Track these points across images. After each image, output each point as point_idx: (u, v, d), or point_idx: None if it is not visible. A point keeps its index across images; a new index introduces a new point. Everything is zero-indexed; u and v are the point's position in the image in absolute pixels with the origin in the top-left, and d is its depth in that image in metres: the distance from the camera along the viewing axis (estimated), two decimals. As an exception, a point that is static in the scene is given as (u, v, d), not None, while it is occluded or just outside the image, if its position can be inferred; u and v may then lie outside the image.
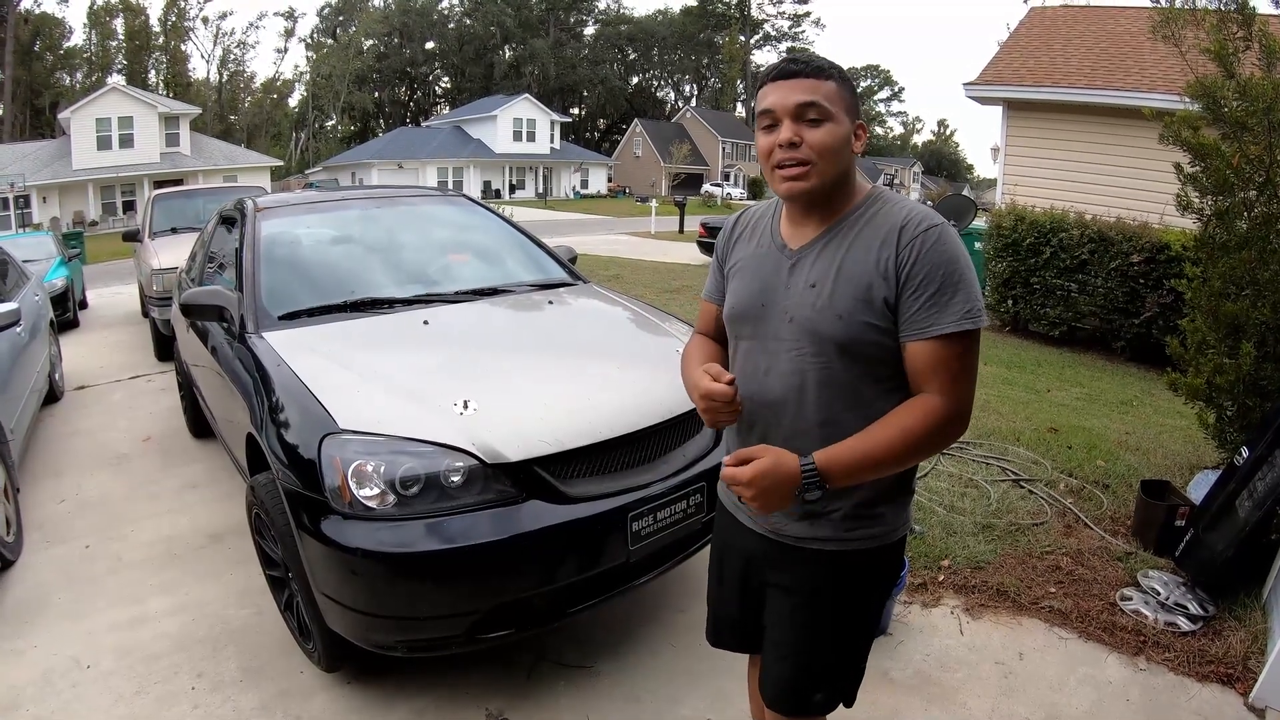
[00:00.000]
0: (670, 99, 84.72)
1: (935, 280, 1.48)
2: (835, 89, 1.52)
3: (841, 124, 1.53)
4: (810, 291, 1.57)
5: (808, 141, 1.51)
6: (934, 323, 1.49)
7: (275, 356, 3.05)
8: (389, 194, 4.91)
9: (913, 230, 1.50)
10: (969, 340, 1.51)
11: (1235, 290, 4.04)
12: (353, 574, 2.40)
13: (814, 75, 1.52)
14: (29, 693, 2.89)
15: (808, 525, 1.67)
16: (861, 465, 1.50)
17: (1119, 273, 8.36)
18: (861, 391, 1.57)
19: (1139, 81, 10.43)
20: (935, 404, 1.51)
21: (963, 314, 1.48)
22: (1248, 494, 3.31)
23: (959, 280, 1.48)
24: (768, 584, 1.79)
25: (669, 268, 15.53)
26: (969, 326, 1.49)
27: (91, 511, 4.45)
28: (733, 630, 1.98)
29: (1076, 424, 5.67)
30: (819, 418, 1.59)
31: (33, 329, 5.80)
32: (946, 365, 1.50)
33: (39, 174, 33.97)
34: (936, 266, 1.48)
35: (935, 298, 1.48)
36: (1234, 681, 2.87)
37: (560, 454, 2.58)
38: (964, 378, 1.53)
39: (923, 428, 1.50)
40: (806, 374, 1.58)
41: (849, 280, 1.53)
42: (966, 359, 1.52)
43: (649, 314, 3.92)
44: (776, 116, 1.53)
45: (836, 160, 1.53)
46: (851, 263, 1.54)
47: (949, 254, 1.49)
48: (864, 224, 1.56)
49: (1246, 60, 4.09)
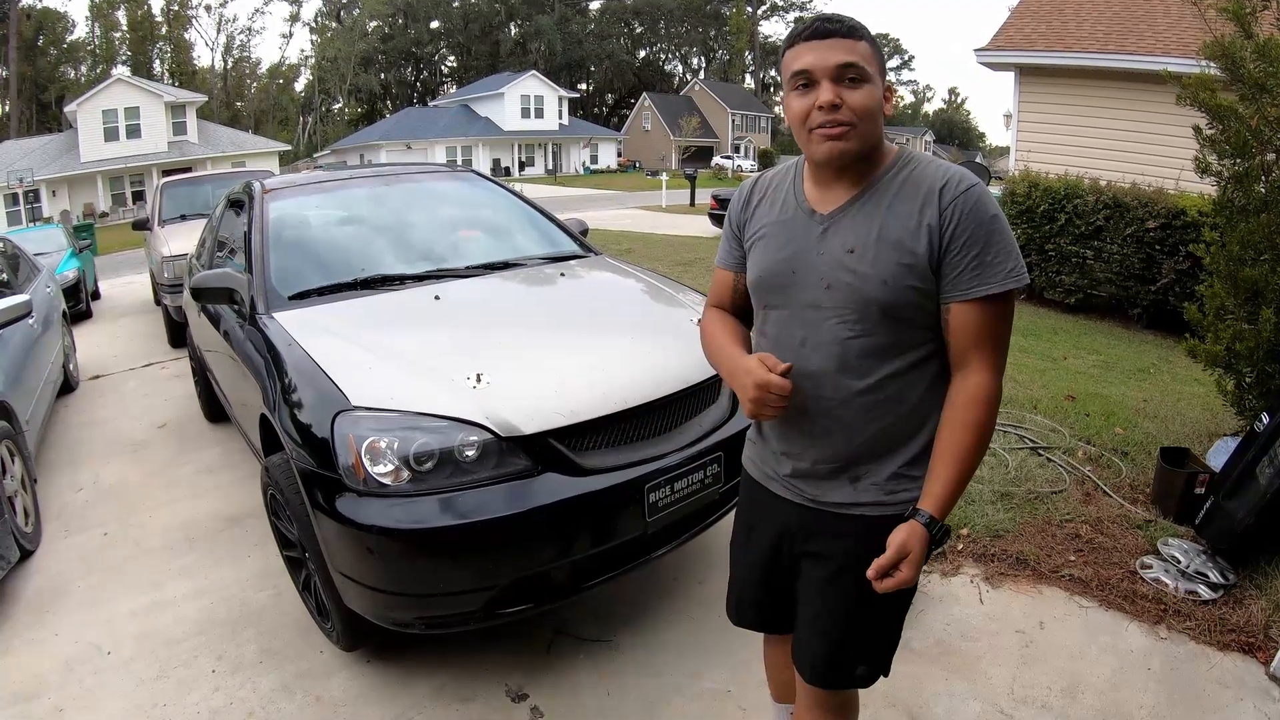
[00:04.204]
0: (678, 72, 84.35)
1: (980, 240, 1.47)
2: (869, 49, 1.49)
3: (876, 85, 1.49)
4: (850, 257, 1.53)
5: (848, 103, 1.46)
6: (980, 283, 1.48)
7: (286, 336, 3.04)
8: (396, 171, 4.88)
9: (954, 190, 1.48)
10: (1009, 302, 1.52)
11: (1254, 255, 3.97)
12: (369, 552, 2.40)
13: (849, 35, 1.47)
14: (51, 680, 2.92)
15: (851, 490, 1.65)
16: (961, 484, 1.53)
17: (1135, 239, 8.26)
18: (902, 355, 1.56)
19: (1152, 45, 10.28)
20: (984, 384, 1.52)
21: (1007, 273, 1.47)
22: (1268, 461, 3.26)
23: (1001, 239, 1.48)
24: (806, 553, 1.74)
25: (681, 241, 15.46)
26: (1013, 285, 1.48)
27: (109, 499, 4.48)
28: (757, 609, 1.95)
29: (1094, 391, 5.62)
30: (860, 385, 1.57)
31: (45, 320, 5.84)
32: (990, 328, 1.51)
33: (47, 168, 34.06)
34: (981, 226, 1.47)
35: (980, 257, 1.47)
36: (1255, 650, 2.84)
37: (575, 426, 2.56)
38: (1004, 341, 1.55)
39: (987, 415, 1.52)
40: (848, 343, 1.55)
41: (891, 243, 1.50)
42: (1007, 321, 1.54)
43: (662, 284, 3.88)
44: (814, 77, 1.47)
45: (875, 121, 1.50)
46: (892, 225, 1.51)
47: (990, 212, 1.48)
48: (900, 185, 1.53)
49: (1265, 20, 4.01)
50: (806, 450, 1.66)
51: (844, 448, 1.62)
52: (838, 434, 1.61)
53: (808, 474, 1.69)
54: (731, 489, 2.94)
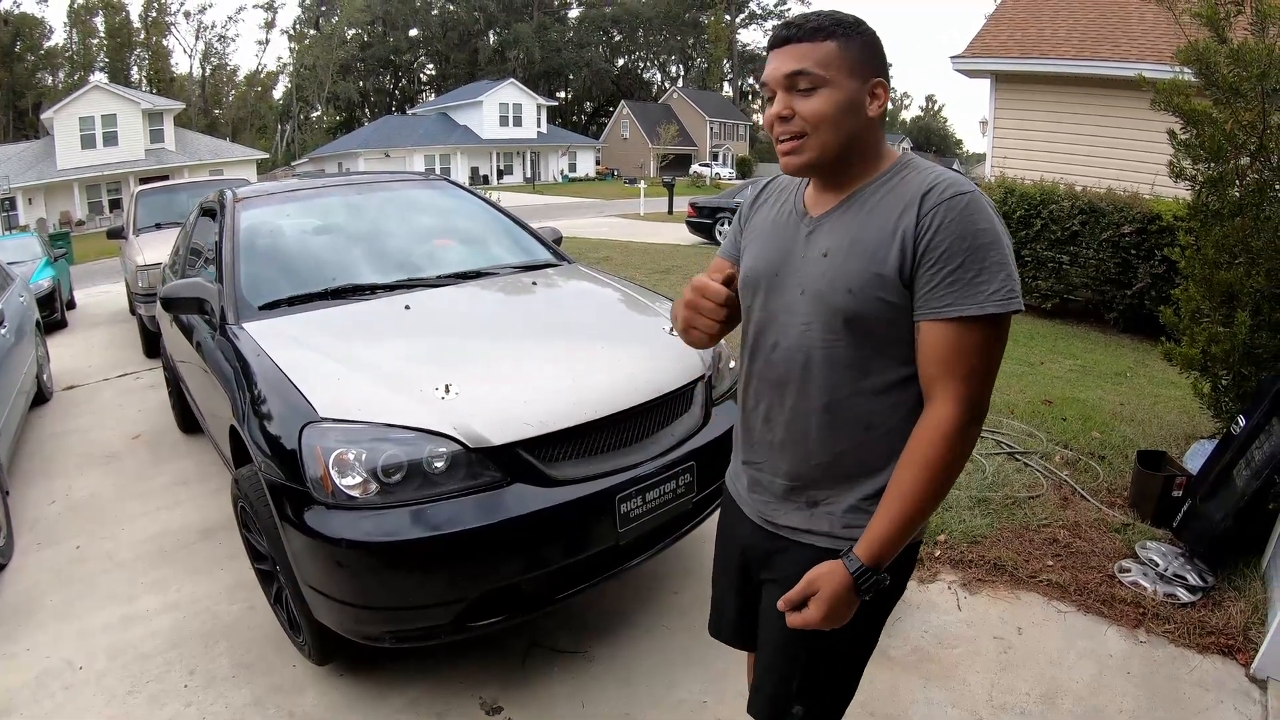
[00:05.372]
0: (657, 80, 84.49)
1: (959, 254, 1.31)
2: (834, 50, 1.37)
3: (841, 88, 1.37)
4: (823, 261, 1.44)
5: (800, 113, 1.39)
6: (954, 301, 1.32)
7: (255, 347, 3.01)
8: (370, 180, 4.85)
9: (937, 197, 1.34)
10: (994, 329, 1.34)
11: (1229, 259, 4.00)
12: (337, 565, 2.36)
13: (808, 39, 1.38)
14: (23, 696, 2.87)
15: (806, 515, 1.56)
16: (903, 528, 1.38)
17: (1110, 244, 8.31)
18: (868, 374, 1.44)
19: (1127, 52, 10.39)
20: (947, 419, 1.35)
21: (989, 294, 1.30)
22: (1245, 463, 3.29)
23: (987, 256, 1.31)
24: (766, 579, 1.66)
25: (659, 249, 15.46)
26: (995, 310, 1.31)
27: (82, 511, 4.42)
28: (732, 627, 1.86)
29: (1071, 396, 5.64)
30: (822, 400, 1.48)
31: (18, 330, 5.76)
32: (963, 355, 1.34)
33: (23, 175, 33.69)
34: (961, 238, 1.31)
35: (957, 274, 1.31)
36: (1235, 652, 2.85)
37: (545, 436, 2.54)
38: (981, 373, 1.36)
39: (946, 455, 1.35)
40: (812, 351, 1.46)
41: (863, 249, 1.39)
42: (989, 351, 1.35)
43: (635, 293, 3.87)
44: (770, 89, 1.42)
45: (836, 128, 1.39)
46: (867, 231, 1.40)
47: (977, 225, 1.31)
48: (887, 191, 1.41)
49: (1239, 25, 4.04)
50: (765, 461, 1.61)
51: (801, 466, 1.54)
52: (796, 449, 1.54)
53: (765, 489, 1.62)
54: (704, 499, 2.93)
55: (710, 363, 3.18)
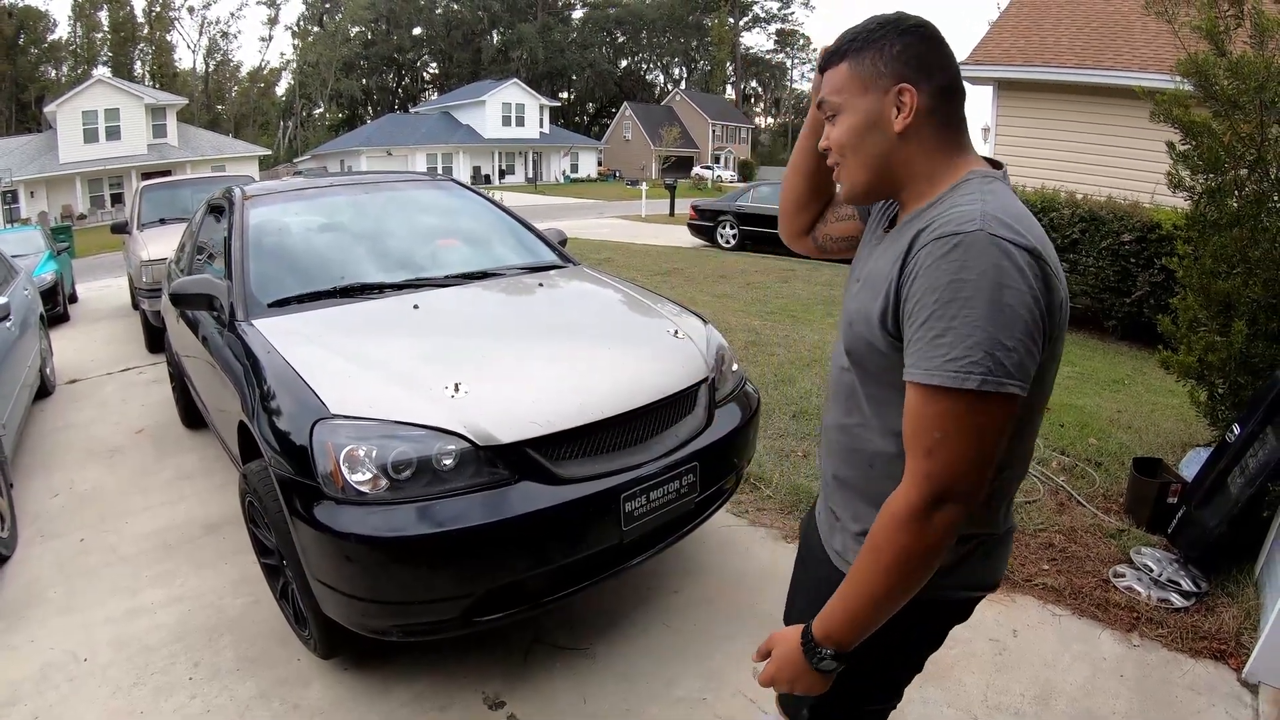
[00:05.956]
0: (659, 82, 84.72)
1: (926, 306, 1.13)
2: (845, 71, 1.30)
3: (853, 110, 1.29)
4: (855, 285, 1.40)
5: (831, 141, 1.35)
6: (913, 363, 1.16)
7: (265, 344, 3.04)
8: (377, 179, 4.87)
9: (926, 236, 1.17)
10: (963, 403, 1.11)
11: (1226, 268, 4.04)
12: (346, 560, 2.39)
13: (830, 63, 1.33)
14: (26, 688, 2.88)
15: (829, 525, 1.53)
16: (851, 611, 1.23)
17: (1110, 252, 8.36)
18: (878, 414, 1.34)
19: (1129, 61, 10.41)
20: (899, 498, 1.18)
21: (943, 362, 1.11)
22: (1239, 471, 3.32)
23: (958, 314, 1.09)
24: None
25: (660, 251, 15.49)
26: (940, 382, 1.11)
27: (85, 505, 4.43)
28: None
29: (1068, 402, 5.68)
30: (838, 421, 1.45)
31: (22, 324, 5.78)
32: (924, 428, 1.15)
33: (26, 169, 33.68)
34: (932, 289, 1.12)
35: (922, 330, 1.14)
36: (1227, 657, 2.88)
37: (552, 435, 2.57)
38: (947, 453, 1.13)
39: (893, 540, 1.17)
40: (841, 370, 1.43)
41: (871, 288, 1.29)
42: (958, 427, 1.12)
43: (640, 295, 3.90)
44: None
45: (857, 153, 1.31)
46: (880, 267, 1.29)
47: (958, 275, 1.10)
48: (914, 223, 1.25)
49: (1237, 38, 4.08)
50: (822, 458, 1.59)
51: (827, 474, 1.53)
52: (827, 457, 1.52)
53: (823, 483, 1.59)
54: (706, 499, 2.97)
55: (713, 365, 3.22)
